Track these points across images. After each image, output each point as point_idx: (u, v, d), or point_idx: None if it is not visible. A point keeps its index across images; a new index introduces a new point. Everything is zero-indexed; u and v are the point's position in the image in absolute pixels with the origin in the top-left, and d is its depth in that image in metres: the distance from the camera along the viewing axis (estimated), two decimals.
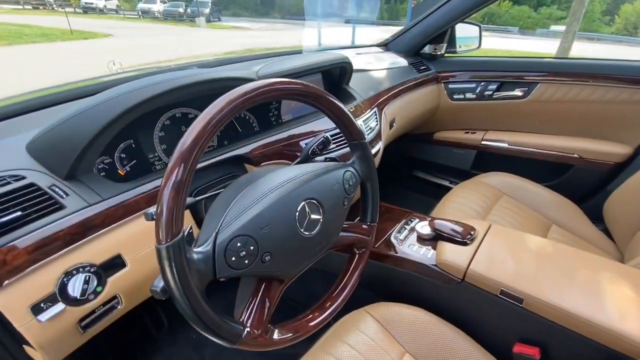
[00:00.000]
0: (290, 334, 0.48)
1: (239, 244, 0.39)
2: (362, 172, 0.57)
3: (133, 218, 0.53)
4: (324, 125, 0.86)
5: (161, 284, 0.40)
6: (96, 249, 0.50)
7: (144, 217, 0.54)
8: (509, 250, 0.71)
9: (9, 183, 0.47)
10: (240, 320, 0.43)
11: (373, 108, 1.01)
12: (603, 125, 1.16)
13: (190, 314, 0.36)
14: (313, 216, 0.47)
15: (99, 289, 0.50)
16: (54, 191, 0.49)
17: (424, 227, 0.83)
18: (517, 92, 1.29)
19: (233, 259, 0.39)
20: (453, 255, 0.72)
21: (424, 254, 0.78)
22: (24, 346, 0.48)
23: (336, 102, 0.52)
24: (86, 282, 0.48)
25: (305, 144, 0.74)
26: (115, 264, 0.52)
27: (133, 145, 0.61)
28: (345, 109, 0.53)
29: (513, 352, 0.64)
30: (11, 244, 0.42)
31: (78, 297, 0.47)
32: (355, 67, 1.00)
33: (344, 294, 0.56)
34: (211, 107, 0.38)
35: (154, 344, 1.01)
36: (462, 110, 1.43)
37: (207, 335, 0.39)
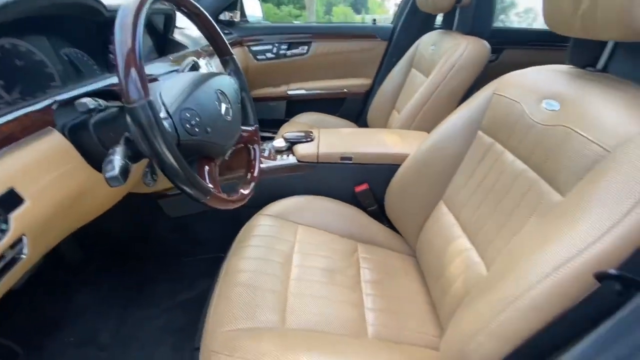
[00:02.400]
0: (238, 198, 0.60)
1: (188, 115, 0.48)
2: (238, 84, 0.72)
3: (15, 147, 0.46)
4: (171, 66, 0.90)
5: (116, 170, 0.44)
6: None
7: (34, 143, 0.48)
8: (336, 136, 1.08)
9: None
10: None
11: (205, 57, 1.11)
12: (354, 68, 1.78)
13: (175, 166, 0.43)
14: (224, 105, 0.59)
15: (3, 226, 0.42)
16: None
17: (278, 142, 1.08)
18: (302, 50, 1.72)
19: (188, 126, 0.47)
20: (306, 149, 1.01)
21: (286, 159, 1.03)
22: None
23: (210, 18, 0.63)
24: None
25: (175, 70, 0.78)
26: (12, 199, 0.44)
27: None
28: (217, 26, 0.66)
29: (356, 193, 1.01)
30: None
31: None
32: None
33: (256, 169, 0.71)
34: None
35: None
36: (267, 68, 1.74)
37: (186, 187, 0.46)
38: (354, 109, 1.82)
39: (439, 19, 1.55)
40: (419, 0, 1.32)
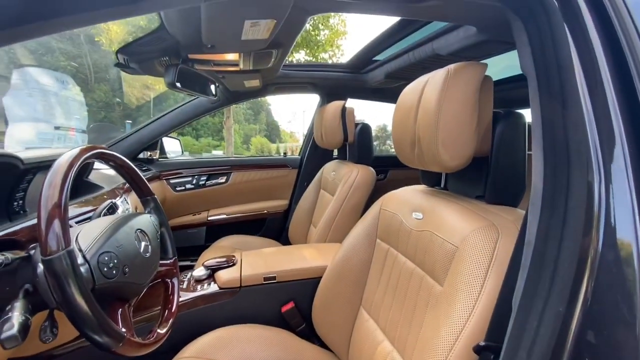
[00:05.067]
0: (154, 339, 0.56)
1: (106, 258, 0.49)
2: (158, 220, 0.76)
3: None
4: (86, 207, 0.89)
5: (14, 328, 0.41)
6: None
7: None
8: (259, 257, 1.12)
9: None
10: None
11: (122, 195, 1.13)
12: (271, 191, 1.97)
13: (87, 314, 0.42)
14: (144, 243, 0.62)
15: None
16: None
17: (198, 271, 1.06)
18: (221, 180, 1.87)
19: (105, 269, 0.48)
20: (228, 274, 1.01)
21: (207, 288, 1.00)
22: None
23: (132, 166, 0.71)
24: None
25: (92, 210, 0.77)
26: None
27: None
28: (137, 169, 0.73)
29: (282, 313, 1.00)
30: None
31: None
32: None
33: (174, 308, 0.69)
34: (61, 160, 0.49)
35: None
36: (186, 198, 1.79)
37: (96, 337, 0.43)
38: (274, 228, 1.93)
39: (336, 151, 1.93)
40: (317, 140, 1.67)
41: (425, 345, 0.58)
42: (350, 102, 1.65)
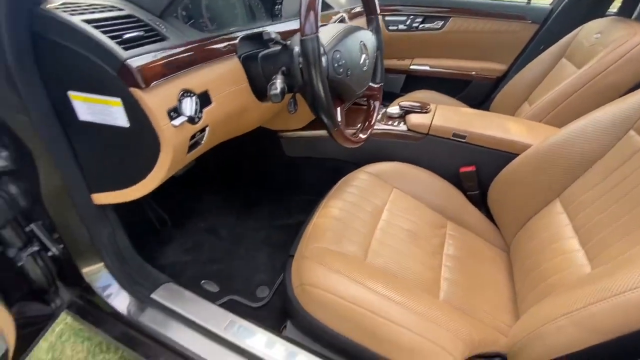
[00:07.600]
0: (356, 139, 0.69)
1: (337, 56, 0.57)
2: (376, 42, 0.79)
3: (215, 61, 0.63)
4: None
5: (278, 89, 0.56)
6: (193, 82, 0.59)
7: (222, 63, 0.64)
8: (453, 113, 1.06)
9: (111, 10, 0.52)
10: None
11: (351, 19, 1.21)
12: (490, 50, 1.64)
13: (322, 95, 0.53)
14: (364, 56, 0.67)
15: (200, 114, 0.60)
16: (155, 24, 0.55)
17: (393, 108, 1.12)
18: (436, 25, 1.66)
19: (335, 65, 0.57)
20: (419, 119, 1.03)
21: (397, 125, 1.07)
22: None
23: None
24: (196, 103, 0.58)
25: (326, 23, 0.90)
26: (206, 98, 0.62)
27: (190, 6, 0.67)
28: None
29: (460, 173, 0.99)
30: (151, 53, 0.50)
31: (192, 114, 0.57)
32: None
33: (374, 119, 0.79)
34: None
35: (161, 237, 1.07)
36: (395, 39, 1.75)
37: (324, 116, 0.56)
38: (478, 95, 1.70)
39: (617, 4, 1.29)
40: None
41: (632, 259, 0.47)
42: None
